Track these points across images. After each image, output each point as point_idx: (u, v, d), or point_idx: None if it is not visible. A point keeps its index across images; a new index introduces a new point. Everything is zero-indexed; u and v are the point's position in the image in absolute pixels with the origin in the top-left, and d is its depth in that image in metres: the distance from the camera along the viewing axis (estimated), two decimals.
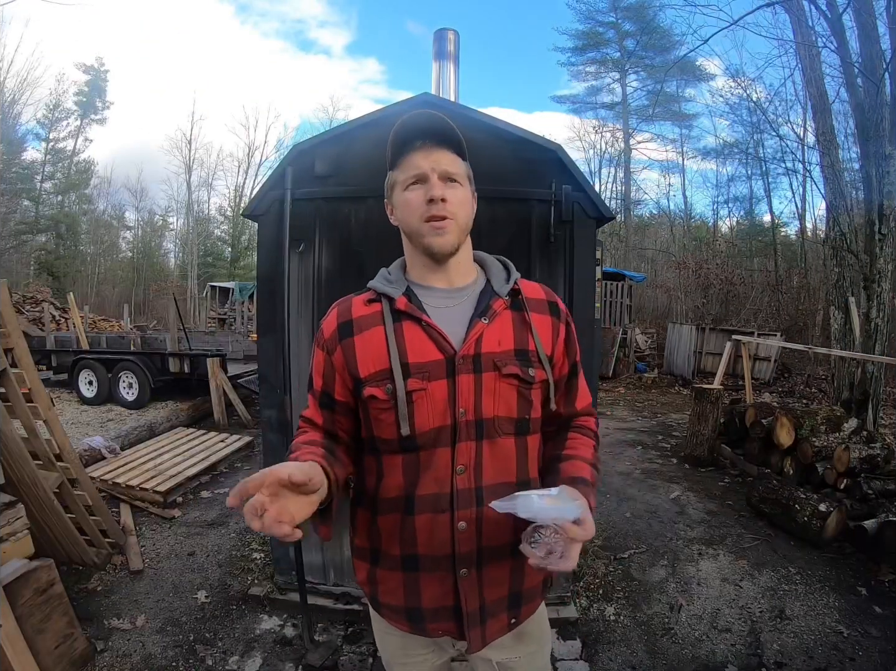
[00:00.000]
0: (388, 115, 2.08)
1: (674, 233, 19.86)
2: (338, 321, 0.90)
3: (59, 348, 7.30)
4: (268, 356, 2.20)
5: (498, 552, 0.86)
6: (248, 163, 26.43)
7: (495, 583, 0.88)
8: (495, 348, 0.85)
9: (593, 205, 2.08)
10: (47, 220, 22.13)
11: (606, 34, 20.61)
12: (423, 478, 0.84)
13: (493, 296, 0.89)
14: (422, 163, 0.84)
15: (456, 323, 0.86)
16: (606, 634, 2.25)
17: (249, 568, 2.68)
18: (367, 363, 0.85)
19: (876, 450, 3.47)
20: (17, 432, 2.33)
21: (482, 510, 0.83)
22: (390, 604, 0.91)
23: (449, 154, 0.86)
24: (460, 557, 0.84)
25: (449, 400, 0.83)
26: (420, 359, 0.83)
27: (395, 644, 0.99)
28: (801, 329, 10.51)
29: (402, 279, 0.92)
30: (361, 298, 0.92)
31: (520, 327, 0.88)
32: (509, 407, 0.86)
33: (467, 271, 0.93)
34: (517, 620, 0.92)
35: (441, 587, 0.86)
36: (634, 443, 5.29)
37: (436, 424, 0.83)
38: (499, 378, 0.84)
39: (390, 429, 0.85)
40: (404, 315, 0.86)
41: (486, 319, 0.86)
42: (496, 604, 0.89)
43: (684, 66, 13.67)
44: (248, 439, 4.73)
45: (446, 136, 0.86)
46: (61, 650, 1.88)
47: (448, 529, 0.84)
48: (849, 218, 5.73)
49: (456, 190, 0.86)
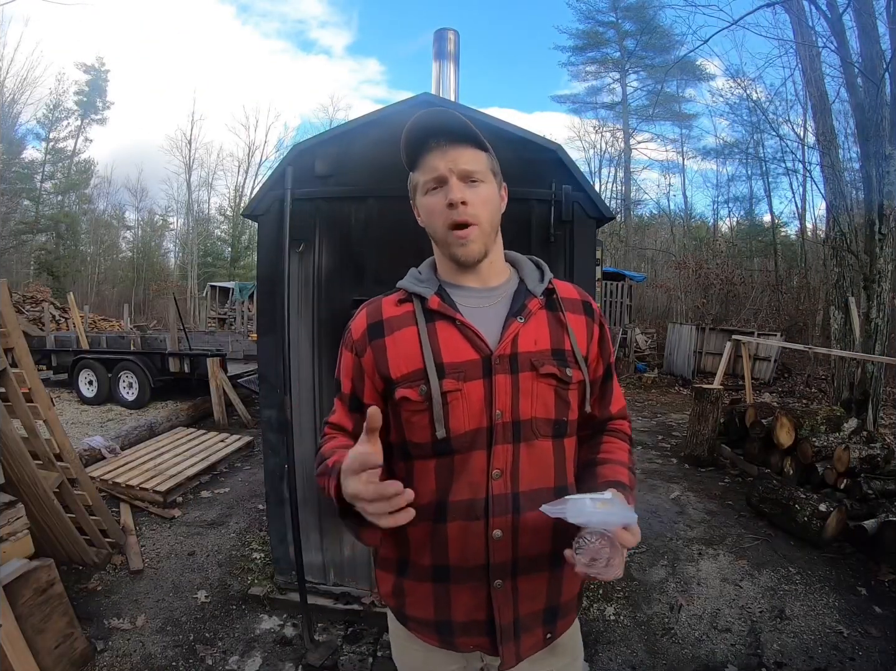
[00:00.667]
0: (388, 115, 2.08)
1: (674, 233, 19.85)
2: (367, 322, 0.87)
3: (59, 348, 7.30)
4: (268, 356, 2.20)
5: (535, 563, 0.82)
6: (248, 163, 26.47)
7: (531, 596, 0.84)
8: (532, 348, 0.82)
9: (593, 204, 2.08)
10: (47, 220, 22.13)
11: (606, 34, 20.63)
12: (456, 483, 0.81)
13: (527, 295, 0.86)
14: (438, 163, 0.81)
15: (491, 322, 0.83)
16: (606, 634, 2.25)
17: (249, 568, 2.68)
18: (400, 364, 0.82)
19: (876, 450, 3.47)
20: (17, 432, 2.33)
21: (519, 517, 0.80)
22: (418, 617, 0.87)
23: (467, 150, 0.82)
24: (494, 567, 0.80)
25: (485, 401, 0.80)
26: (455, 358, 0.80)
27: (418, 658, 0.93)
28: (801, 329, 10.50)
29: (433, 278, 0.89)
30: (391, 299, 0.89)
31: (556, 327, 0.86)
32: (547, 408, 0.82)
33: (500, 271, 0.90)
34: (553, 635, 0.87)
35: (473, 599, 0.82)
36: (634, 443, 5.27)
37: (472, 426, 0.80)
38: (536, 378, 0.81)
39: (423, 433, 0.81)
40: (437, 314, 0.83)
41: (522, 318, 0.83)
42: (531, 618, 0.84)
43: (684, 65, 13.67)
44: (248, 439, 4.73)
45: (460, 131, 0.81)
46: (61, 650, 1.88)
47: (482, 538, 0.80)
48: (849, 218, 5.73)
49: (478, 188, 0.82)
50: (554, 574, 0.84)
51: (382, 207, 2.07)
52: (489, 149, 0.86)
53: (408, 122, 0.82)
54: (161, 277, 24.54)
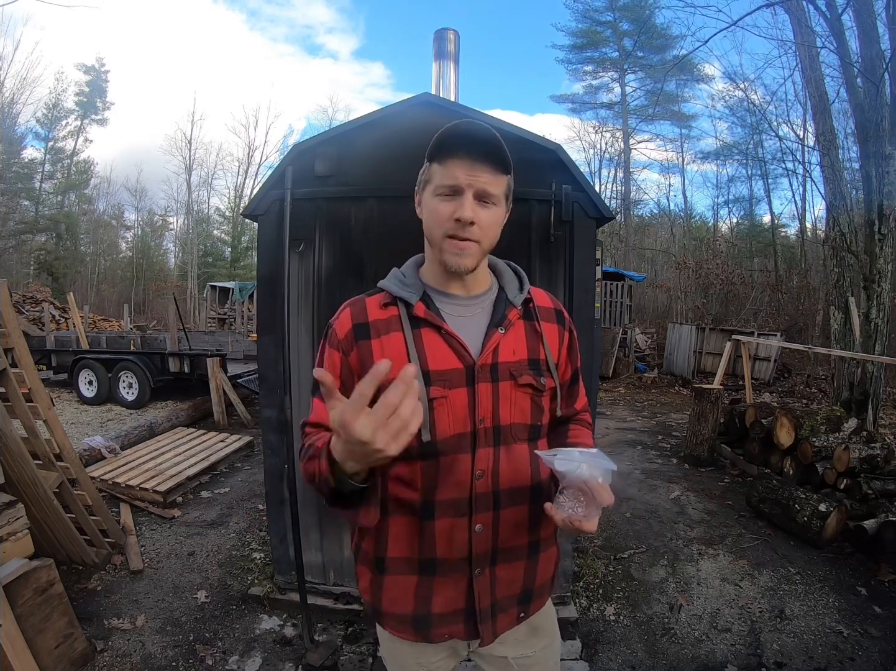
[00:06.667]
0: (388, 115, 2.09)
1: (674, 233, 19.87)
2: (352, 322, 0.88)
3: (59, 348, 7.29)
4: (268, 356, 2.20)
5: (513, 553, 0.89)
6: (248, 163, 26.47)
7: (509, 582, 0.91)
8: (511, 358, 0.87)
9: (593, 205, 2.08)
10: (47, 220, 22.13)
11: (604, 33, 20.63)
12: (442, 483, 0.85)
13: (507, 305, 0.90)
14: (460, 174, 0.80)
15: (473, 332, 0.87)
16: (606, 634, 2.25)
17: (249, 568, 2.68)
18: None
19: (876, 450, 3.47)
20: (17, 432, 2.33)
21: (499, 513, 0.86)
22: (394, 612, 0.90)
23: (490, 171, 0.81)
24: (476, 558, 0.86)
25: (469, 407, 0.84)
26: (441, 367, 0.84)
27: (407, 653, 0.97)
28: (801, 329, 10.51)
29: (417, 282, 0.90)
30: (375, 300, 0.90)
31: (532, 337, 0.91)
32: (524, 414, 0.88)
33: (483, 280, 0.93)
34: (526, 615, 0.95)
35: (454, 590, 0.88)
36: (634, 443, 5.29)
37: (456, 431, 0.84)
38: (515, 387, 0.87)
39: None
40: (423, 322, 0.86)
41: (503, 329, 0.87)
42: (507, 601, 0.91)
43: (683, 65, 13.68)
44: (248, 439, 4.73)
45: (493, 152, 0.80)
46: (61, 650, 1.88)
47: (466, 532, 0.86)
48: (849, 218, 5.73)
49: (489, 211, 0.83)
50: (530, 561, 0.92)
51: (382, 207, 2.07)
52: (511, 173, 0.86)
53: (450, 124, 0.81)
54: (161, 277, 24.57)
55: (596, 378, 2.23)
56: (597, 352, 2.19)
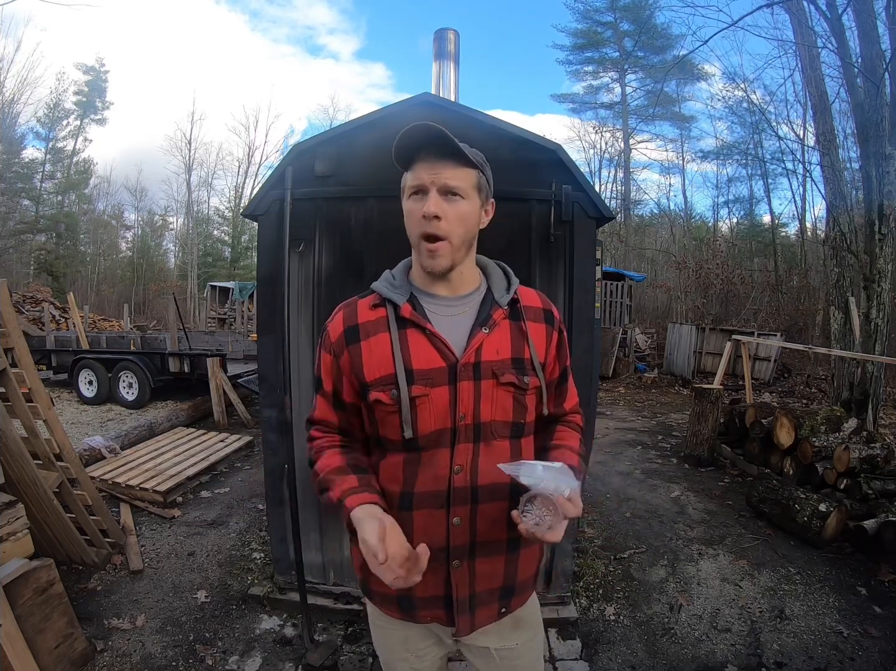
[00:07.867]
0: (388, 115, 2.08)
1: (674, 233, 19.86)
2: (344, 325, 0.93)
3: (59, 348, 7.29)
4: (268, 356, 2.20)
5: (491, 547, 0.92)
6: (248, 163, 26.47)
7: (488, 576, 0.93)
8: (494, 357, 0.89)
9: (593, 204, 2.08)
10: (47, 220, 22.14)
11: (605, 34, 20.63)
12: (422, 476, 0.89)
13: (493, 305, 0.93)
14: (424, 174, 0.84)
15: (458, 331, 0.90)
16: (606, 634, 2.25)
17: (249, 568, 2.68)
18: (373, 368, 0.89)
19: (876, 450, 3.47)
20: (17, 432, 2.33)
21: (477, 507, 0.89)
22: (381, 591, 0.94)
23: (450, 166, 0.84)
24: (454, 549, 0.90)
25: (450, 405, 0.87)
26: (424, 366, 0.87)
27: (396, 638, 1.02)
28: (801, 329, 10.51)
29: (405, 284, 0.94)
30: (366, 302, 0.94)
31: (517, 336, 0.93)
32: (506, 412, 0.91)
33: (470, 279, 0.95)
34: (507, 610, 0.98)
35: (433, 578, 0.90)
36: (634, 443, 5.29)
37: (437, 427, 0.88)
38: (496, 386, 0.89)
39: (394, 431, 0.89)
40: (409, 323, 0.89)
41: (487, 329, 0.90)
42: (487, 594, 0.94)
43: (683, 65, 13.66)
44: (248, 439, 4.73)
45: (446, 147, 0.83)
46: (61, 650, 1.88)
47: (444, 523, 0.89)
48: (849, 218, 5.73)
49: (457, 204, 0.85)
50: (511, 557, 0.94)
51: (382, 207, 2.07)
52: (478, 166, 0.89)
53: (400, 132, 0.84)
54: (161, 277, 24.56)
55: (596, 378, 2.22)
56: (597, 353, 2.19)
